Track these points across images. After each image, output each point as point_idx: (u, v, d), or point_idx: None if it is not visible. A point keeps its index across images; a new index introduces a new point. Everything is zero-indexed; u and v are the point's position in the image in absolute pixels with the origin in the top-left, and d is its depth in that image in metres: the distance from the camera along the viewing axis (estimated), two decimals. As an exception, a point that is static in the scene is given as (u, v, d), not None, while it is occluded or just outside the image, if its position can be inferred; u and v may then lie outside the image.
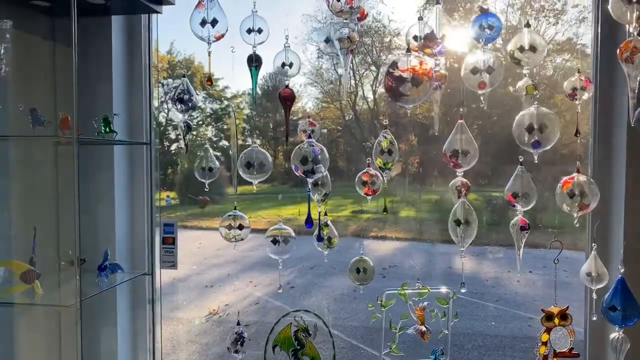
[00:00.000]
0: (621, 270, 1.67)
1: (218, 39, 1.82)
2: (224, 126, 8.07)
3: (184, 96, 1.92)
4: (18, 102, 1.82)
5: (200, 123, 7.76)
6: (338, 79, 7.58)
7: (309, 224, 1.86)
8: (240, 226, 1.94)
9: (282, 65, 1.85)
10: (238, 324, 1.96)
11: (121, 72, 2.13)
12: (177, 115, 1.95)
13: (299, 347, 1.91)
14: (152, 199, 2.19)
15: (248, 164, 1.85)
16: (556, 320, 1.77)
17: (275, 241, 1.91)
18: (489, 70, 1.67)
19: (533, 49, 1.66)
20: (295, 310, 1.93)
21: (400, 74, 1.54)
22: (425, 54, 1.68)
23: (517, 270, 1.81)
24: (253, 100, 1.91)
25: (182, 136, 1.97)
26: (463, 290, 1.88)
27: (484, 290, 5.67)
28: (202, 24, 1.81)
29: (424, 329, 1.90)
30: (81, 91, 1.63)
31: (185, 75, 1.99)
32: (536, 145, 1.63)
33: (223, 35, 1.83)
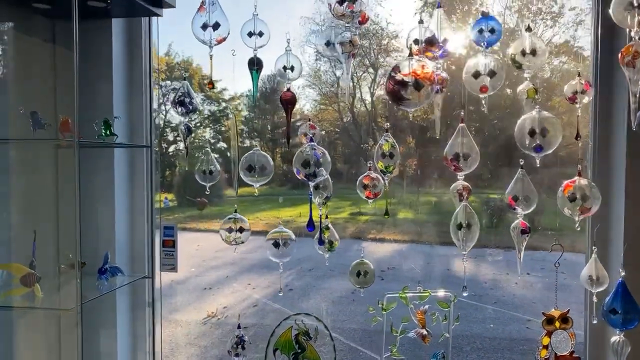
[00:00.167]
0: (622, 274, 1.67)
1: (220, 43, 1.82)
2: (222, 128, 8.07)
3: (185, 99, 1.92)
4: (18, 105, 1.81)
5: (199, 125, 7.76)
6: (336, 82, 7.60)
7: (311, 227, 1.86)
8: (240, 229, 1.94)
9: (284, 69, 1.85)
10: (239, 327, 1.96)
11: (121, 75, 2.12)
12: (175, 117, 1.95)
13: (300, 351, 1.91)
14: (152, 202, 2.19)
15: (249, 167, 1.85)
16: (557, 324, 1.77)
17: (276, 244, 1.90)
18: (490, 74, 1.67)
19: (534, 53, 1.67)
20: (296, 313, 1.93)
21: (402, 78, 1.54)
22: (426, 57, 1.68)
23: (518, 273, 1.81)
24: (254, 102, 1.91)
25: (183, 139, 1.97)
26: (465, 294, 1.88)
27: (482, 293, 5.67)
28: (204, 27, 1.81)
29: (425, 332, 1.90)
30: (81, 94, 1.62)
31: (185, 78, 1.99)
32: (538, 149, 1.63)
33: (225, 39, 1.83)
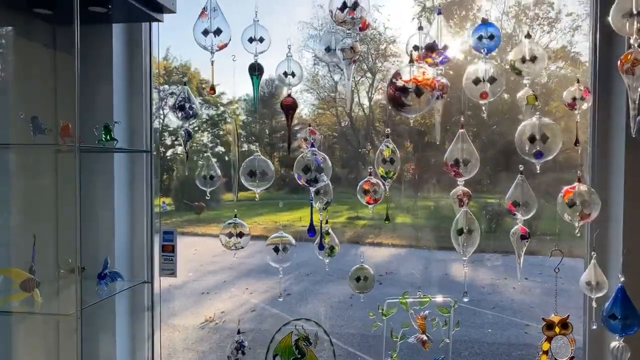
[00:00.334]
0: (621, 279, 1.68)
1: (221, 49, 1.83)
2: (220, 132, 8.07)
3: (185, 104, 1.92)
4: (19, 110, 1.81)
5: (197, 129, 7.76)
6: (334, 86, 7.61)
7: (312, 232, 1.86)
8: (240, 234, 1.94)
9: (285, 75, 1.86)
10: (239, 332, 1.96)
11: (121, 80, 2.12)
12: (173, 121, 1.95)
13: (300, 356, 1.90)
14: (152, 207, 2.19)
15: (251, 173, 1.85)
16: (557, 329, 1.78)
17: (276, 249, 1.90)
18: (490, 80, 1.68)
19: (534, 60, 1.68)
20: (296, 319, 1.93)
21: (403, 84, 1.54)
22: (427, 63, 1.69)
23: (518, 278, 1.82)
24: (255, 108, 1.92)
25: (183, 144, 1.97)
26: (465, 300, 1.88)
27: (480, 298, 5.68)
28: (205, 33, 1.81)
29: (425, 337, 1.90)
30: (81, 99, 1.62)
31: (185, 83, 2.00)
32: (538, 155, 1.64)
33: (226, 45, 1.83)
